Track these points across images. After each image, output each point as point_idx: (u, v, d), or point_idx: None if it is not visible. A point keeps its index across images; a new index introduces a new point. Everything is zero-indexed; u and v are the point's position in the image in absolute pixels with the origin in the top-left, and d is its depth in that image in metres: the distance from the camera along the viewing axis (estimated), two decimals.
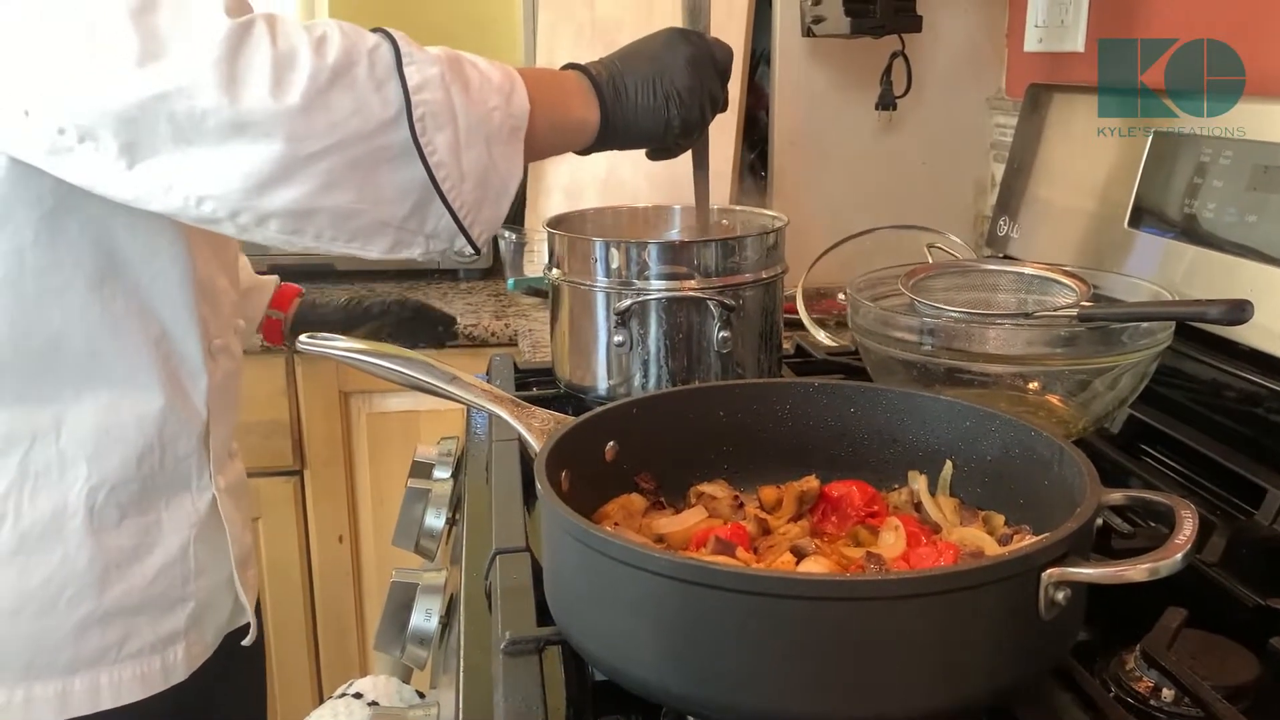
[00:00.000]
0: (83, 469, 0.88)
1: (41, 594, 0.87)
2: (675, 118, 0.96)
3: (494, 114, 0.82)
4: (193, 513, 0.95)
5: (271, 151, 0.73)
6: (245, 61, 0.71)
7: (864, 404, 0.83)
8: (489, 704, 0.66)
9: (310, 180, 0.74)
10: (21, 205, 0.80)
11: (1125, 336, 0.93)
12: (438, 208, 0.81)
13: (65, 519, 0.87)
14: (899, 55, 1.65)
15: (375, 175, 0.77)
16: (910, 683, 0.57)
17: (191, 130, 0.71)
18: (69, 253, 0.84)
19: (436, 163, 0.79)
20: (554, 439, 0.72)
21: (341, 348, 0.83)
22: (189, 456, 0.94)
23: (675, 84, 0.95)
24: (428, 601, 0.91)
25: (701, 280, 1.07)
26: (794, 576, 0.62)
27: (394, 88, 0.76)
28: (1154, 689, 0.67)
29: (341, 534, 1.82)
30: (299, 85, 0.72)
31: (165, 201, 0.74)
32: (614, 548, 0.59)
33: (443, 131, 0.78)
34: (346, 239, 0.80)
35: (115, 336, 0.87)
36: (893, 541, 0.73)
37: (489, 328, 1.75)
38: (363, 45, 0.76)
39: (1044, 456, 0.72)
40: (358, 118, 0.75)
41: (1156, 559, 0.56)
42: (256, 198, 0.74)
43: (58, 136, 0.71)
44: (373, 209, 0.79)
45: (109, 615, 0.90)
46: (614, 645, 0.62)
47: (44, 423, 0.86)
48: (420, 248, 0.83)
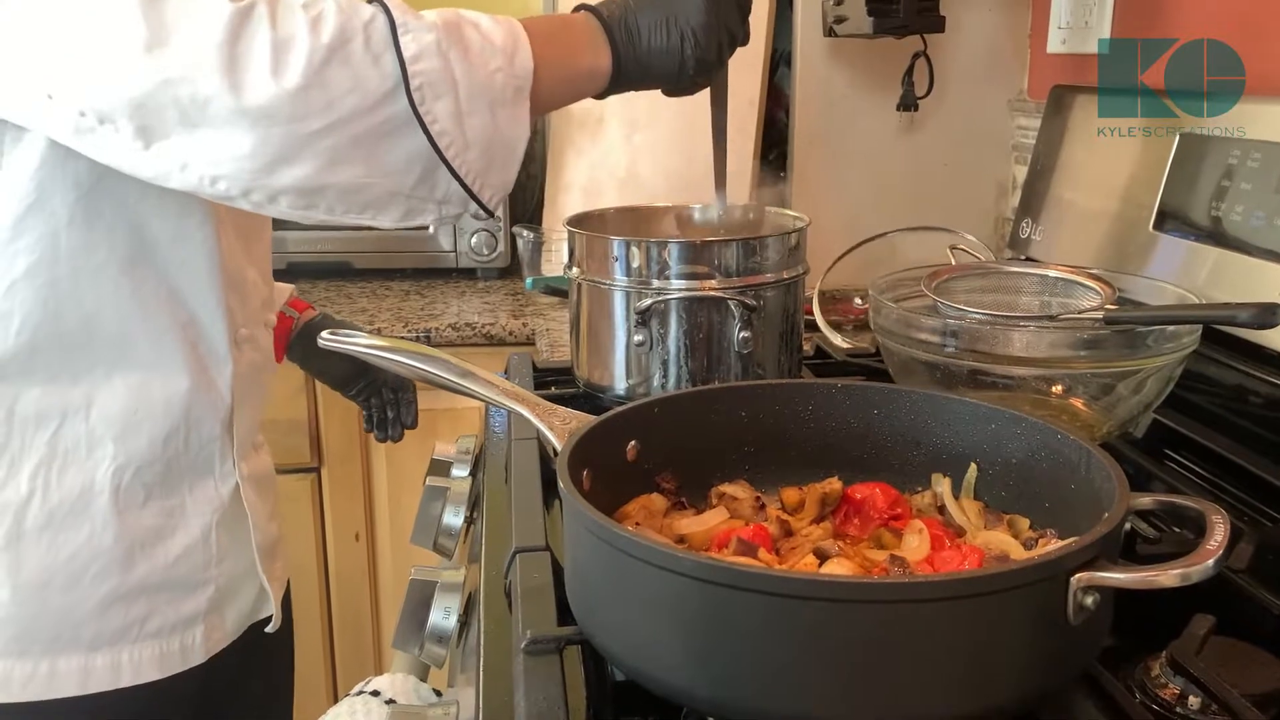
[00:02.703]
0: (110, 448, 0.89)
1: (68, 569, 0.89)
2: (690, 58, 0.93)
3: (496, 76, 0.81)
4: (215, 498, 0.97)
5: (275, 133, 0.74)
6: (245, 46, 0.72)
7: (888, 406, 0.82)
8: (509, 703, 0.65)
9: (315, 158, 0.76)
10: (59, 188, 0.83)
11: (1151, 340, 0.92)
12: (445, 175, 0.80)
13: (92, 496, 0.89)
14: (921, 55, 1.64)
15: (379, 148, 0.78)
16: (935, 687, 0.56)
17: (197, 114, 0.73)
18: (103, 236, 0.86)
19: (439, 131, 0.78)
20: (576, 438, 0.72)
21: (363, 343, 0.83)
22: (212, 441, 0.96)
23: (690, 22, 0.92)
24: (446, 600, 0.91)
25: (722, 280, 1.07)
26: (820, 578, 0.62)
27: (390, 59, 0.76)
28: (1180, 696, 0.66)
29: (358, 532, 1.83)
30: (297, 66, 0.73)
31: (182, 179, 0.76)
32: (638, 547, 0.59)
33: (442, 100, 0.78)
34: (358, 211, 0.80)
35: (145, 319, 0.89)
36: (916, 544, 0.72)
37: (506, 327, 1.75)
38: (358, 19, 0.76)
39: (1071, 460, 0.71)
40: (356, 93, 0.75)
41: (1188, 564, 0.55)
42: (265, 177, 0.76)
43: (79, 119, 0.74)
44: (381, 181, 0.79)
45: (132, 593, 0.91)
46: (636, 646, 0.62)
47: (75, 401, 0.88)
48: (433, 214, 0.83)
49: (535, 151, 2.26)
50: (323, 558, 1.83)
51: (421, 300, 1.92)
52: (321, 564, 1.83)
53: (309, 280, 2.02)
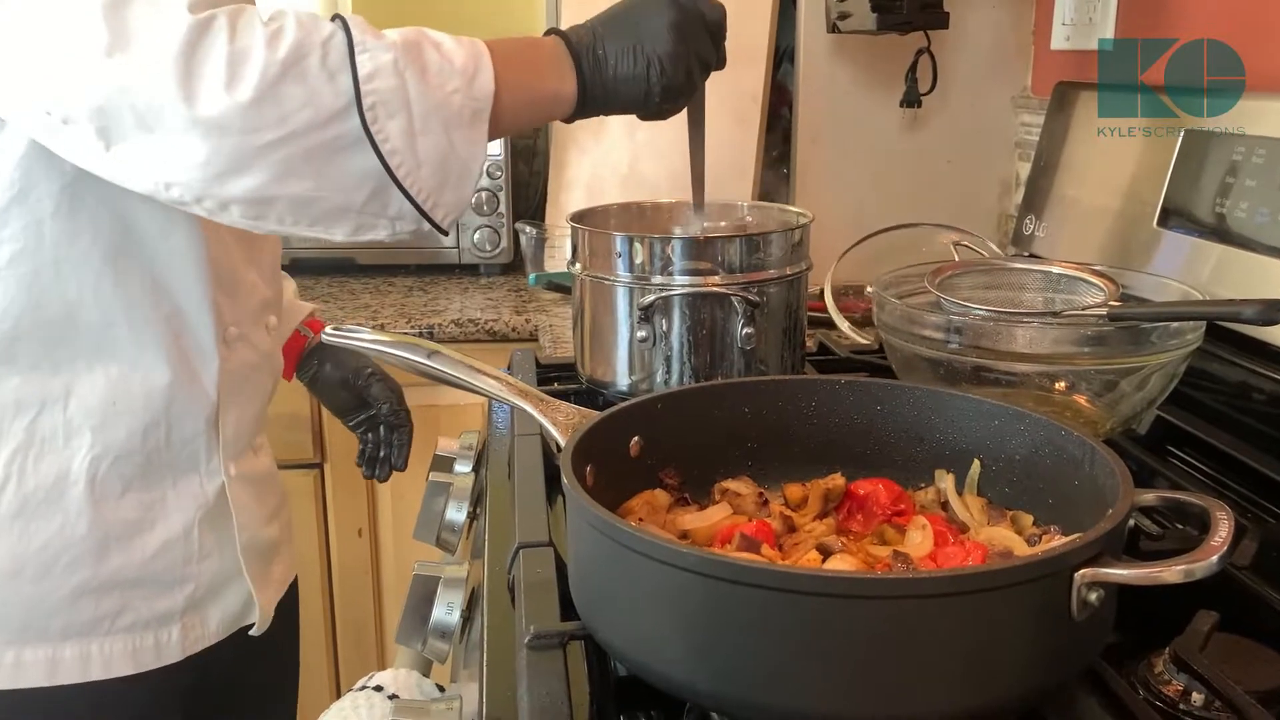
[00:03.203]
0: (87, 438, 0.90)
1: (39, 558, 0.89)
2: (656, 85, 0.92)
3: (453, 97, 0.81)
4: (200, 495, 0.96)
5: (226, 144, 0.75)
6: (202, 57, 0.73)
7: (891, 402, 0.82)
8: (512, 698, 0.65)
9: (266, 170, 0.76)
10: (43, 176, 0.83)
11: (1155, 336, 0.92)
12: (396, 194, 0.81)
13: (67, 486, 0.89)
14: (924, 52, 1.64)
15: (330, 164, 0.78)
16: (938, 683, 0.56)
17: (153, 121, 0.74)
18: (87, 225, 0.86)
19: (389, 150, 0.79)
20: (580, 433, 0.72)
21: (368, 339, 0.83)
22: (196, 437, 0.95)
23: (657, 50, 0.91)
24: (449, 595, 0.91)
25: (725, 276, 1.07)
26: (823, 574, 0.62)
27: (346, 78, 0.77)
28: (1184, 693, 0.66)
29: (361, 527, 1.83)
30: (250, 80, 0.74)
31: (140, 183, 0.77)
32: (642, 542, 0.59)
33: (394, 119, 0.78)
34: (308, 224, 0.81)
35: (128, 310, 0.89)
36: (920, 540, 0.72)
37: (509, 323, 1.75)
38: (317, 36, 0.77)
39: (1074, 456, 0.71)
40: (309, 109, 0.76)
41: (1192, 561, 0.55)
42: (217, 185, 0.76)
43: (46, 118, 0.75)
44: (331, 196, 0.79)
45: (105, 586, 0.91)
46: (640, 641, 0.62)
47: (54, 390, 0.89)
48: (385, 230, 0.83)
49: (538, 148, 2.26)
50: (326, 553, 1.83)
51: (425, 296, 1.92)
52: (324, 559, 1.83)
53: (313, 276, 2.03)
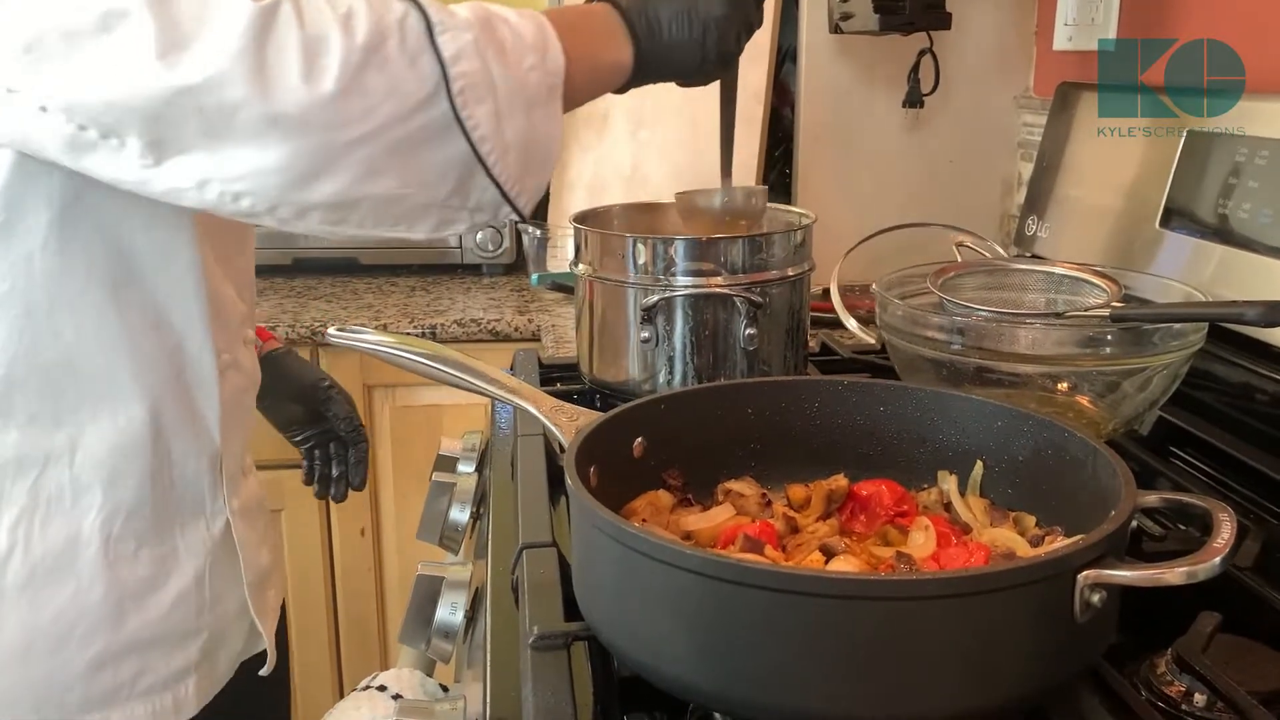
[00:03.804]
0: (98, 495, 0.82)
1: (53, 630, 0.81)
2: (712, 49, 0.89)
3: (530, 75, 0.76)
4: (207, 539, 0.90)
5: (308, 144, 0.68)
6: (274, 48, 0.66)
7: (894, 403, 0.82)
8: (517, 699, 0.65)
9: (351, 169, 0.70)
10: (30, 206, 0.75)
11: (1157, 337, 0.92)
12: (481, 182, 0.75)
13: (79, 549, 0.82)
14: (927, 53, 1.64)
15: (416, 157, 0.72)
16: (941, 684, 0.56)
17: (222, 125, 0.67)
18: (82, 257, 0.78)
19: (479, 137, 0.73)
20: (583, 434, 0.72)
21: (371, 340, 0.83)
22: (200, 477, 0.89)
23: (711, 13, 0.88)
24: (453, 595, 0.91)
25: (728, 277, 1.07)
26: (826, 575, 0.62)
27: (428, 61, 0.71)
28: (1186, 693, 0.66)
29: (364, 527, 1.83)
30: (331, 70, 0.67)
31: (198, 197, 0.70)
32: (645, 544, 0.59)
33: (483, 103, 0.73)
34: (391, 223, 0.75)
35: (131, 349, 0.82)
36: (923, 541, 0.73)
37: (512, 323, 1.75)
38: (390, 17, 0.70)
39: (1077, 457, 0.71)
40: (394, 99, 0.70)
41: (1194, 562, 0.55)
42: (296, 191, 0.70)
43: (78, 133, 0.67)
44: (416, 191, 0.74)
45: (123, 651, 0.85)
46: (643, 641, 0.62)
47: (58, 444, 0.81)
48: (464, 223, 0.78)
49: None
50: (328, 553, 1.83)
51: (427, 296, 1.92)
52: (327, 560, 1.83)
53: (315, 276, 2.03)
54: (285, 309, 1.81)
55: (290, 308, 1.82)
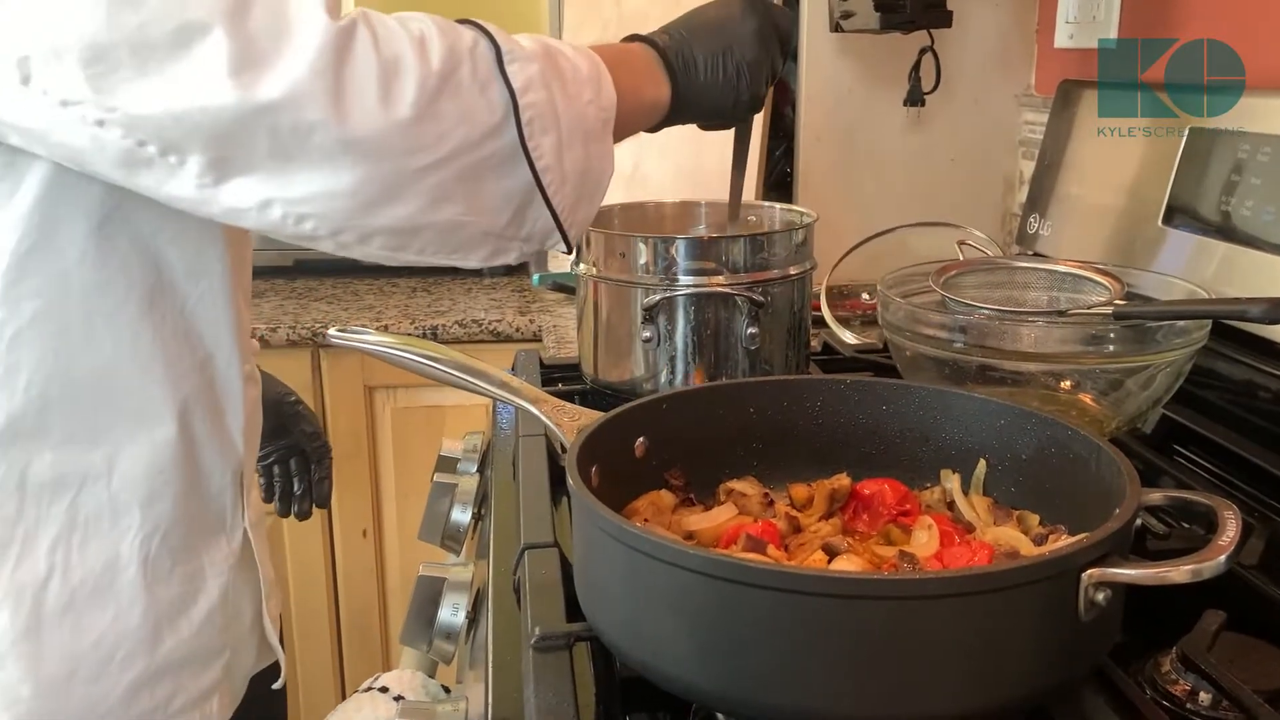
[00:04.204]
0: (136, 515, 0.80)
1: (94, 656, 0.79)
2: (744, 92, 0.91)
3: (589, 109, 0.77)
4: (229, 553, 0.88)
5: (381, 169, 0.67)
6: (351, 70, 0.65)
7: (897, 401, 0.82)
8: (519, 700, 0.65)
9: (420, 196, 0.69)
10: (68, 218, 0.72)
11: (1160, 335, 0.92)
12: (537, 211, 0.76)
13: (118, 571, 0.80)
14: (928, 51, 1.63)
15: (482, 184, 0.72)
16: (945, 684, 0.56)
17: (295, 146, 0.65)
18: (120, 272, 0.76)
19: (543, 167, 0.74)
20: (585, 434, 0.72)
21: (372, 341, 0.83)
22: (224, 491, 0.87)
23: (746, 56, 0.90)
24: (454, 596, 0.91)
25: (730, 276, 1.07)
26: (828, 574, 0.62)
27: (498, 89, 0.71)
28: (1191, 692, 0.66)
29: (365, 529, 1.83)
30: (408, 96, 0.67)
31: (259, 218, 0.68)
32: (647, 543, 0.59)
33: (548, 134, 0.73)
34: (449, 252, 0.75)
35: (166, 365, 0.79)
36: (926, 540, 0.72)
37: (513, 323, 1.75)
38: (462, 45, 0.70)
39: (1081, 455, 0.71)
40: (465, 125, 0.70)
41: (1199, 560, 0.55)
42: (363, 216, 0.69)
43: (136, 149, 0.64)
44: (478, 219, 0.74)
45: (159, 673, 0.83)
46: (646, 641, 0.62)
47: (95, 464, 0.78)
48: (515, 253, 0.78)
49: None
50: (330, 555, 1.83)
51: (428, 297, 1.92)
52: (329, 561, 1.83)
53: (316, 278, 2.03)
54: (286, 310, 1.80)
55: (291, 309, 1.81)
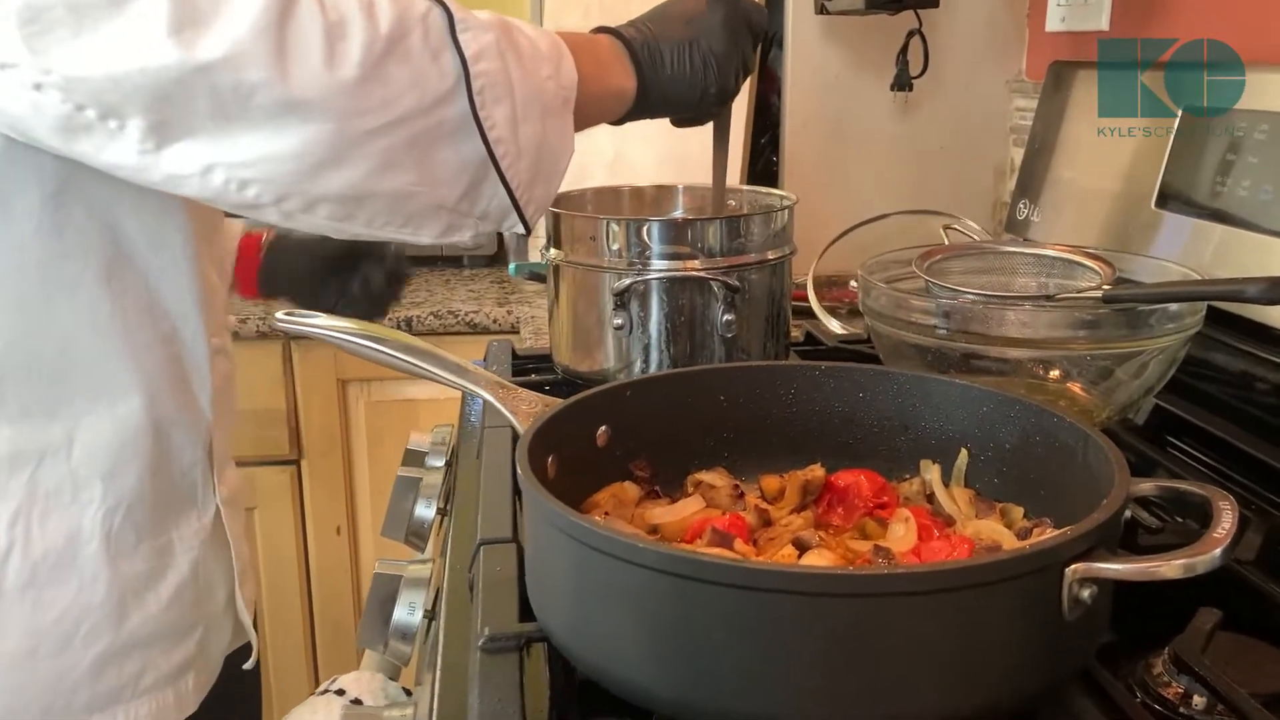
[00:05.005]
0: (98, 489, 0.80)
1: (57, 631, 0.80)
2: (712, 85, 0.90)
3: (547, 84, 0.76)
4: (200, 529, 0.89)
5: (325, 130, 0.66)
6: (295, 29, 0.64)
7: (874, 388, 0.79)
8: (464, 705, 0.61)
9: (367, 160, 0.69)
10: (21, 189, 0.72)
11: (1153, 320, 0.88)
12: (491, 187, 0.75)
13: (80, 545, 0.80)
14: (916, 34, 1.59)
15: (432, 153, 0.71)
16: (919, 687, 0.52)
17: (236, 107, 0.64)
18: (76, 241, 0.76)
19: (496, 138, 0.73)
20: (540, 421, 0.68)
21: (321, 324, 0.79)
22: (195, 466, 0.88)
23: (713, 49, 0.89)
24: (411, 595, 0.87)
25: (705, 260, 1.03)
26: (793, 570, 0.58)
27: (450, 57, 0.71)
28: (1184, 695, 0.62)
29: (339, 525, 1.79)
30: (353, 56, 0.66)
31: (202, 185, 0.67)
32: (597, 537, 0.55)
33: (501, 104, 0.73)
34: (399, 224, 0.74)
35: (127, 337, 0.80)
36: (902, 534, 0.69)
37: (491, 315, 1.71)
38: (414, 11, 0.70)
39: (1068, 444, 0.67)
40: (415, 91, 0.69)
41: (1193, 554, 0.51)
42: (307, 181, 0.68)
43: (74, 113, 0.63)
44: (429, 190, 0.73)
45: (125, 649, 0.83)
46: (598, 643, 0.58)
47: (54, 438, 0.79)
48: (471, 230, 0.77)
49: None
50: (303, 552, 1.80)
51: (406, 289, 1.88)
52: (302, 558, 1.80)
53: None
54: (258, 302, 1.76)
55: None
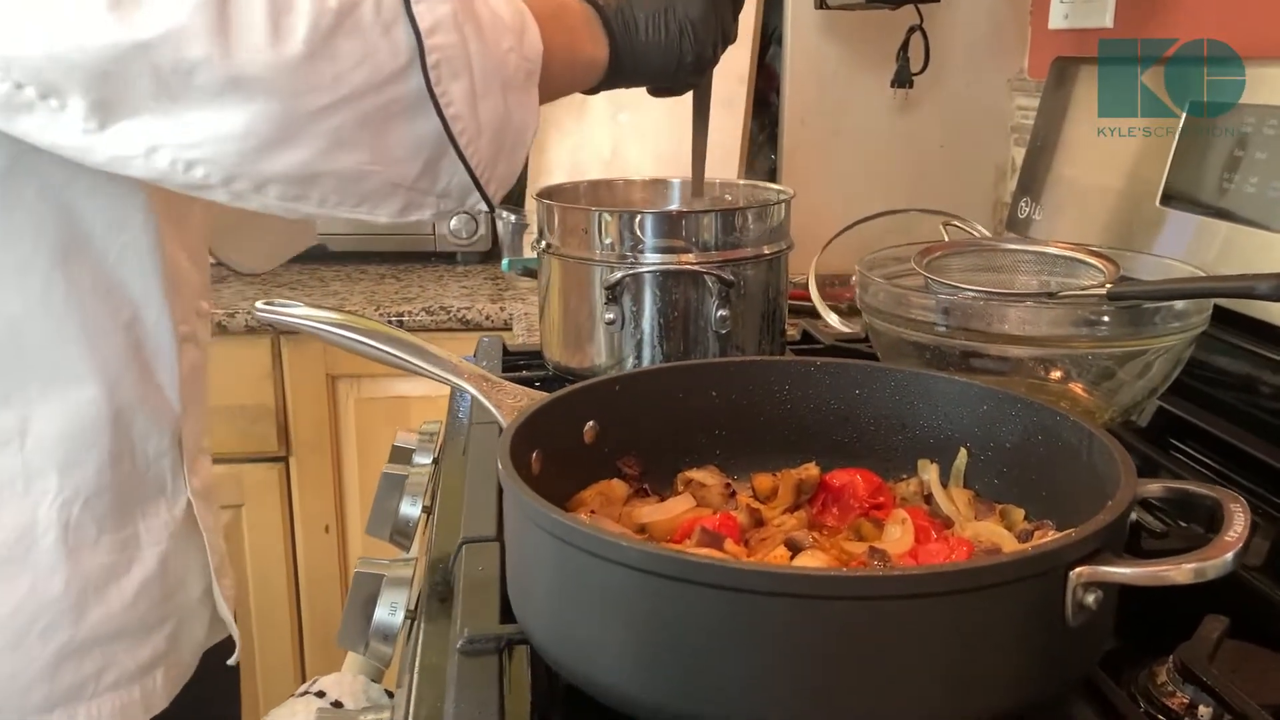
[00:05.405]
0: (53, 479, 0.78)
1: (11, 626, 0.77)
2: (688, 53, 0.88)
3: (509, 57, 0.73)
4: (169, 521, 0.86)
5: (271, 108, 0.64)
6: (237, 3, 0.62)
7: (871, 385, 0.76)
8: (442, 709, 0.59)
9: (316, 140, 0.66)
10: None
11: (1158, 318, 0.85)
12: (451, 164, 0.72)
13: (35, 538, 0.77)
14: (917, 29, 1.57)
15: (385, 131, 0.69)
16: (916, 694, 0.50)
17: (178, 85, 0.62)
18: (28, 224, 0.73)
19: (453, 115, 0.70)
20: (524, 415, 0.66)
21: (299, 314, 0.76)
22: (162, 456, 0.85)
23: (690, 15, 0.87)
24: (393, 595, 0.84)
25: (699, 254, 1.00)
26: (785, 571, 0.56)
27: (403, 30, 0.67)
28: (1190, 705, 0.60)
29: (328, 523, 1.77)
30: (299, 31, 0.63)
31: (147, 166, 0.65)
32: (580, 536, 0.53)
33: (459, 80, 0.70)
34: (354, 203, 0.71)
35: (83, 322, 0.77)
36: (899, 536, 0.67)
37: (484, 311, 1.69)
38: None
39: (1071, 443, 0.65)
40: (366, 66, 0.66)
41: (1203, 558, 0.49)
42: (255, 161, 0.66)
43: (14, 91, 0.62)
44: (384, 169, 0.70)
45: (86, 645, 0.80)
46: (581, 647, 0.55)
47: (5, 426, 0.76)
48: (431, 209, 0.75)
49: None
50: (291, 550, 1.77)
51: (397, 284, 1.86)
52: (290, 557, 1.77)
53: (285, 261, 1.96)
54: (247, 296, 1.74)
55: (252, 295, 1.75)
